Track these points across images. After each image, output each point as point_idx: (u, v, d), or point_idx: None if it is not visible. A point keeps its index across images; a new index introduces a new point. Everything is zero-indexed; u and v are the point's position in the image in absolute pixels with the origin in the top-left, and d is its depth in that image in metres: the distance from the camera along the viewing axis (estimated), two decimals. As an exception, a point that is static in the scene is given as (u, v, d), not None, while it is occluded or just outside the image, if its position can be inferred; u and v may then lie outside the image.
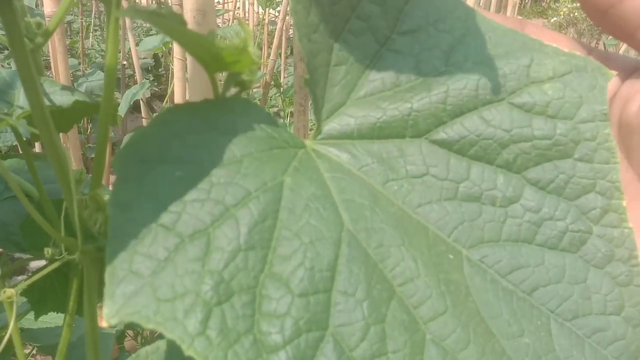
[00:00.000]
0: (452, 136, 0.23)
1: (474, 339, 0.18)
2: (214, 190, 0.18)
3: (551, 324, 0.20)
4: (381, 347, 0.17)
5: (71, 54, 2.46)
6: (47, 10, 0.69)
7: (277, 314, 0.17)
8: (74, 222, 0.25)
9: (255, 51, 0.19)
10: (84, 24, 2.12)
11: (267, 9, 2.01)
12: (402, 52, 0.23)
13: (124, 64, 1.69)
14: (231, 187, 0.18)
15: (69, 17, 2.47)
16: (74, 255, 0.27)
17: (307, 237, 0.18)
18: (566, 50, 0.24)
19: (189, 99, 0.46)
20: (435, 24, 0.23)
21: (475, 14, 0.24)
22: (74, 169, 0.25)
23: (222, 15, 2.32)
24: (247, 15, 2.45)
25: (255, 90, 2.17)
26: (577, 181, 0.22)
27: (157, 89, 2.78)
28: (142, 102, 1.40)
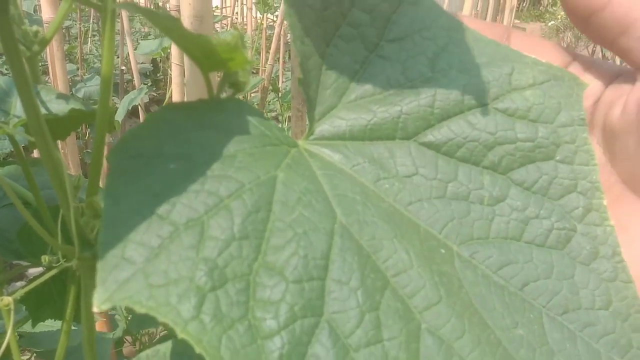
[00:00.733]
0: (439, 138, 0.23)
1: (469, 328, 0.18)
2: (208, 182, 0.18)
3: (543, 318, 0.20)
4: (376, 334, 0.17)
5: (69, 59, 2.44)
6: (46, 16, 0.67)
7: (272, 300, 0.17)
8: (71, 230, 0.24)
9: (248, 49, 0.19)
10: (82, 29, 2.12)
11: (265, 14, 2.03)
12: (390, 59, 0.24)
13: (123, 69, 1.68)
14: (225, 180, 0.18)
15: (67, 23, 2.45)
16: (71, 262, 0.27)
17: (300, 228, 0.18)
18: (551, 57, 0.26)
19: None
20: (420, 32, 0.24)
21: (458, 23, 0.25)
22: (72, 174, 0.25)
23: (220, 21, 2.33)
24: (245, 20, 2.42)
25: (253, 94, 2.17)
26: (560, 182, 0.23)
27: (155, 94, 2.76)
28: (140, 107, 1.39)
